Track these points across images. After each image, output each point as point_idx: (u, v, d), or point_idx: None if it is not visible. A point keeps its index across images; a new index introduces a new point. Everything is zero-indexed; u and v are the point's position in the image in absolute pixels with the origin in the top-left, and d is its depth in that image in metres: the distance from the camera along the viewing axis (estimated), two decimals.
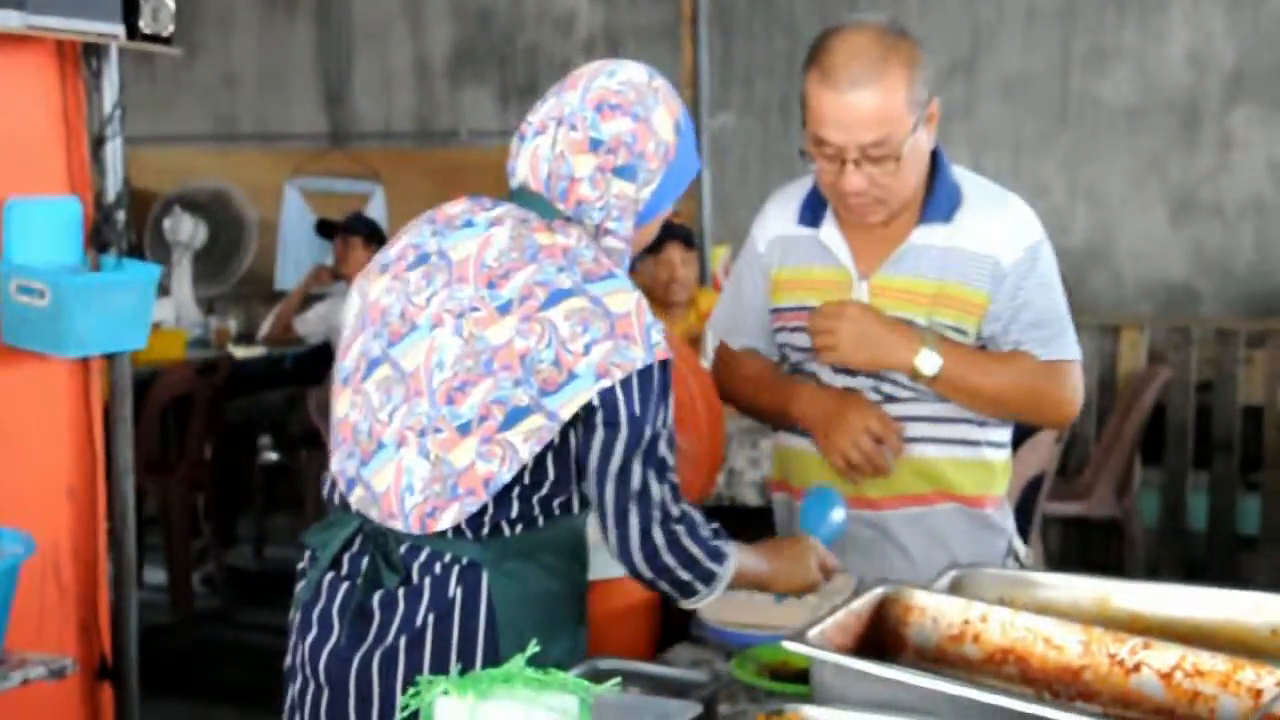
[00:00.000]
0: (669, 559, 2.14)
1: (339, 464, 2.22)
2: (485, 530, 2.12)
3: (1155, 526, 6.33)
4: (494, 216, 2.18)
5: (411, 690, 1.75)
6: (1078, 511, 6.00)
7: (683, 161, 2.26)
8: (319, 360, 6.63)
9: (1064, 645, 2.00)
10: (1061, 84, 7.01)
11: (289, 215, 8.46)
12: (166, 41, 3.72)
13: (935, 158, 2.61)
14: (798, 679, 2.12)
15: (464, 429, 2.09)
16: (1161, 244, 6.82)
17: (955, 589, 2.20)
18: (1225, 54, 6.81)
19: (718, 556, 2.19)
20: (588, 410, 2.08)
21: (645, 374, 2.08)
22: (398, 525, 2.14)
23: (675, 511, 2.14)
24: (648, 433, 2.09)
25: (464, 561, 2.13)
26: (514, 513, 2.12)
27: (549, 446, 2.09)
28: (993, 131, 7.02)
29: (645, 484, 2.11)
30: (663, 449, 2.12)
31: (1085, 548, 6.54)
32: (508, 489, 2.10)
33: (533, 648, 1.72)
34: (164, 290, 6.60)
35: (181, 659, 5.64)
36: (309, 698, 2.22)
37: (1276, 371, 6.23)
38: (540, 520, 2.15)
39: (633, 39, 7.89)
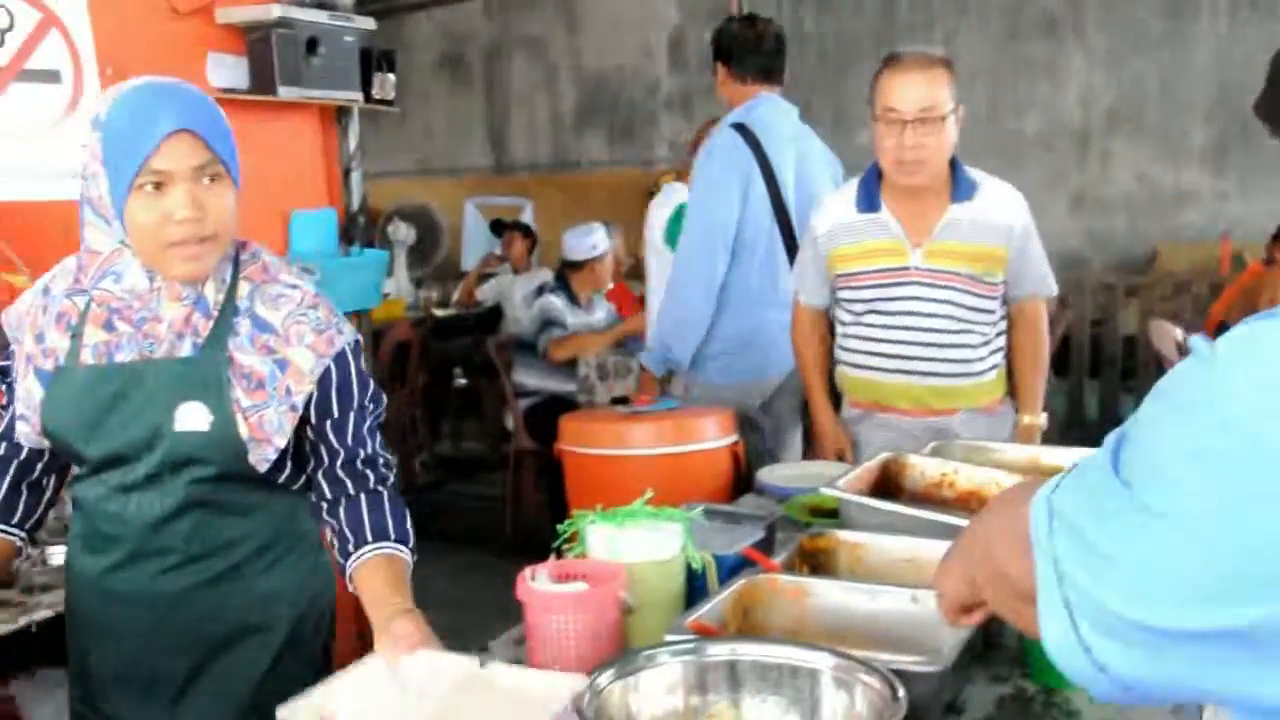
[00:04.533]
0: None
1: None
2: None
3: (1063, 418, 6.24)
4: None
5: (569, 520, 1.76)
6: None
7: (115, 139, 1.50)
8: (492, 317, 6.66)
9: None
10: (995, 123, 6.88)
11: (468, 222, 8.47)
12: (390, 104, 3.75)
13: (954, 161, 2.56)
14: (830, 515, 2.12)
15: None
16: (1063, 228, 6.71)
17: (935, 453, 2.19)
18: (1105, 98, 6.75)
19: None
20: None
21: None
22: None
23: None
24: None
25: None
26: None
27: None
28: None
29: None
30: None
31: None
32: None
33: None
34: (389, 272, 6.64)
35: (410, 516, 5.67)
36: None
37: (1145, 311, 6.11)
38: None
39: (699, 97, 7.81)
